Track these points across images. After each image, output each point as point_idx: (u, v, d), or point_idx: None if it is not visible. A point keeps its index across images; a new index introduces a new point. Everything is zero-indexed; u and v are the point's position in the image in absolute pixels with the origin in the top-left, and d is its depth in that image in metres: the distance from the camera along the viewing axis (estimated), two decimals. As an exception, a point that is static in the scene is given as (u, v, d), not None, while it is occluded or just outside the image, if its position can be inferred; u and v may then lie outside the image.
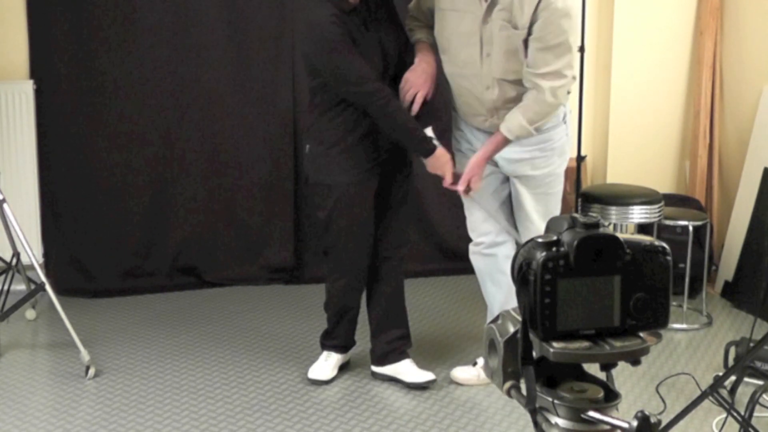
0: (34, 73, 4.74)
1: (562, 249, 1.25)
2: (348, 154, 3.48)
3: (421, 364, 3.87)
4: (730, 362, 3.72)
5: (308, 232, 5.06)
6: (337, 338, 3.80)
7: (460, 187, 3.42)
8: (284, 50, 4.91)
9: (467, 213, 3.63)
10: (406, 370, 3.71)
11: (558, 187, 3.50)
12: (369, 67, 3.35)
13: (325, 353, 3.81)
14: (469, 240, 3.65)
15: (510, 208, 3.59)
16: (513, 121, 3.25)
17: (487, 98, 3.33)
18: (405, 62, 3.48)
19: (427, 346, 4.13)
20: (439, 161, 3.44)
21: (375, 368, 3.79)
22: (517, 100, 3.28)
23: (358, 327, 3.85)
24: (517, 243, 3.57)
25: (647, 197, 4.36)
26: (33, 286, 4.05)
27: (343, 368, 3.85)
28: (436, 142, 3.44)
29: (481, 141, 3.45)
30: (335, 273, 3.67)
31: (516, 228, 3.60)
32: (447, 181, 3.46)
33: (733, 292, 4.76)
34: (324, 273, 3.80)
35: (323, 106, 3.48)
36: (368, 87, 3.34)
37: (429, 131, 3.46)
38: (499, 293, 3.60)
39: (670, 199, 4.81)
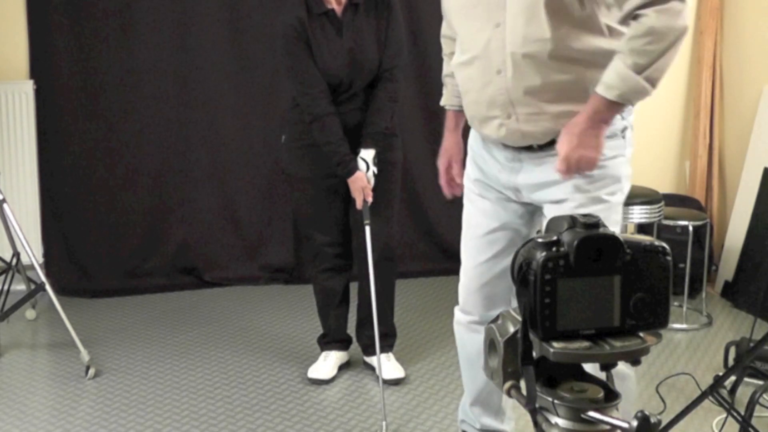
0: (34, 73, 4.74)
1: (562, 249, 1.25)
2: (307, 150, 3.57)
3: (421, 364, 3.87)
4: (730, 362, 3.72)
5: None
6: (329, 333, 3.81)
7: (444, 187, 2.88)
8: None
9: (461, 270, 2.75)
10: (381, 363, 3.71)
11: (612, 226, 2.41)
12: (318, 76, 3.43)
13: (323, 353, 3.82)
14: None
15: None
16: (610, 72, 2.24)
17: (498, 87, 2.40)
18: (379, 76, 3.53)
19: (426, 346, 4.13)
20: (354, 184, 3.48)
21: (364, 357, 3.88)
22: (542, 92, 2.36)
23: (350, 322, 3.85)
24: None
25: (647, 197, 4.36)
26: (33, 286, 4.05)
27: (344, 367, 3.85)
28: (363, 165, 3.46)
29: (500, 163, 2.54)
30: (314, 259, 3.77)
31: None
32: (358, 205, 3.50)
33: (733, 292, 4.75)
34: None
35: (295, 101, 3.60)
36: (306, 98, 3.46)
37: (368, 153, 3.48)
38: (478, 379, 2.81)
39: (670, 199, 4.81)
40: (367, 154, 3.48)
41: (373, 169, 3.48)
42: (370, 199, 3.48)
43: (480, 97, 2.47)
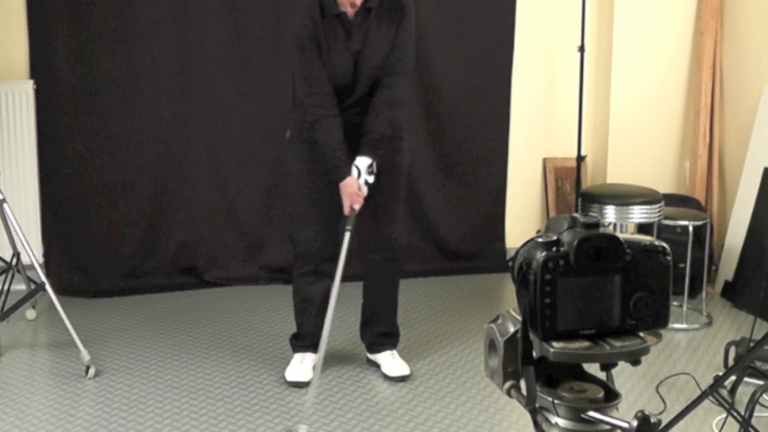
0: (34, 73, 4.74)
1: (562, 249, 1.25)
2: (309, 145, 3.56)
3: (421, 364, 3.87)
4: (730, 362, 3.72)
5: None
6: (305, 337, 3.78)
7: None
8: (284, 50, 4.91)
9: None
10: (386, 361, 3.78)
11: None
12: (325, 77, 3.44)
13: (298, 355, 3.79)
14: (469, 239, 3.62)
15: None
16: None
17: None
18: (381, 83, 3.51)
19: (426, 346, 4.13)
20: (344, 189, 3.46)
21: (367, 354, 3.89)
22: None
23: (352, 322, 3.85)
24: None
25: (647, 197, 4.36)
26: (33, 286, 4.05)
27: (345, 364, 3.85)
28: (355, 172, 3.44)
29: None
30: (298, 260, 3.75)
31: None
32: (345, 210, 3.48)
33: (733, 292, 4.75)
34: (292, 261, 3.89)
35: (298, 98, 3.63)
36: (311, 98, 3.47)
37: (363, 161, 3.46)
38: None
39: (670, 199, 4.81)
40: (362, 162, 3.45)
41: (366, 177, 3.45)
42: (357, 207, 3.46)
43: None
